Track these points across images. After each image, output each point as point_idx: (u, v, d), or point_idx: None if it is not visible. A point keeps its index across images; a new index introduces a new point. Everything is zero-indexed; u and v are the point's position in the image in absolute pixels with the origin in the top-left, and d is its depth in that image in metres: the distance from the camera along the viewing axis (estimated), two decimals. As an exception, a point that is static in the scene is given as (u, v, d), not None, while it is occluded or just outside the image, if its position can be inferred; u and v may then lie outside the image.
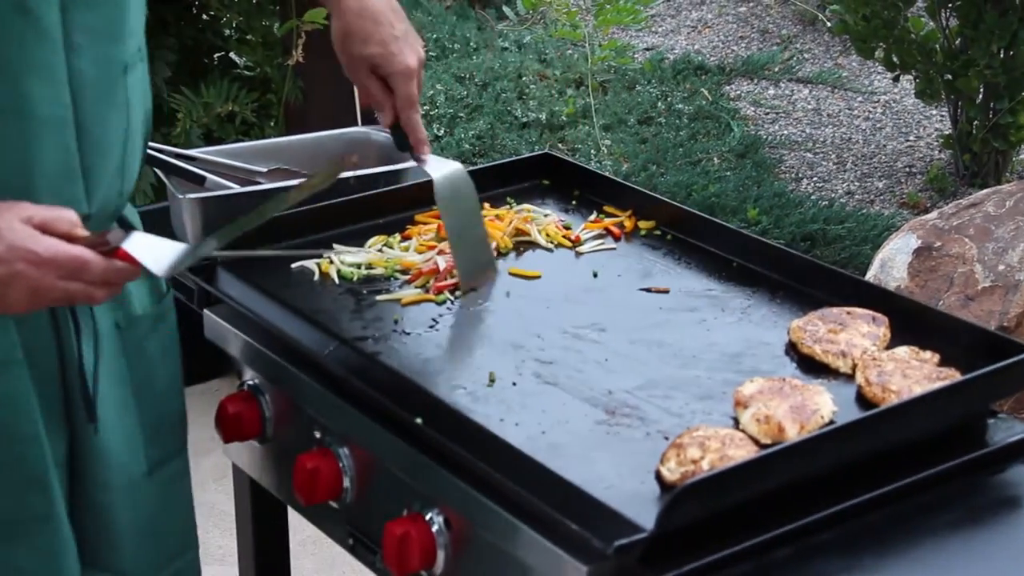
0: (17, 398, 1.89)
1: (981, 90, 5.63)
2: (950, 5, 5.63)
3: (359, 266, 2.24)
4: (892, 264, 4.04)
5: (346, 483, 1.98)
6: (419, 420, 1.85)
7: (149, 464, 2.07)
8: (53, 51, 1.80)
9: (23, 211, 1.74)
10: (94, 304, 1.88)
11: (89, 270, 1.74)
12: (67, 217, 1.77)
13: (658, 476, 1.72)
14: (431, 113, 6.39)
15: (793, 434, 1.76)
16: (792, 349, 2.02)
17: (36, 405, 1.91)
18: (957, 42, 5.64)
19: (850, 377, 1.93)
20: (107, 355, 1.99)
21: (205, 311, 2.20)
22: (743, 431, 1.78)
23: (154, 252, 1.79)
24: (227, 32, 4.81)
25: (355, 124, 2.87)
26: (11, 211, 1.73)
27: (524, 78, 6.69)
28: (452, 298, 2.17)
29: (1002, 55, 5.50)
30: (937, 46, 5.67)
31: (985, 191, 4.35)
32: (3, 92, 1.78)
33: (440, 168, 2.24)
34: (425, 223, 2.39)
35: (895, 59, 5.77)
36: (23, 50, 1.78)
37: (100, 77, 1.87)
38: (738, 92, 6.81)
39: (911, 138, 6.34)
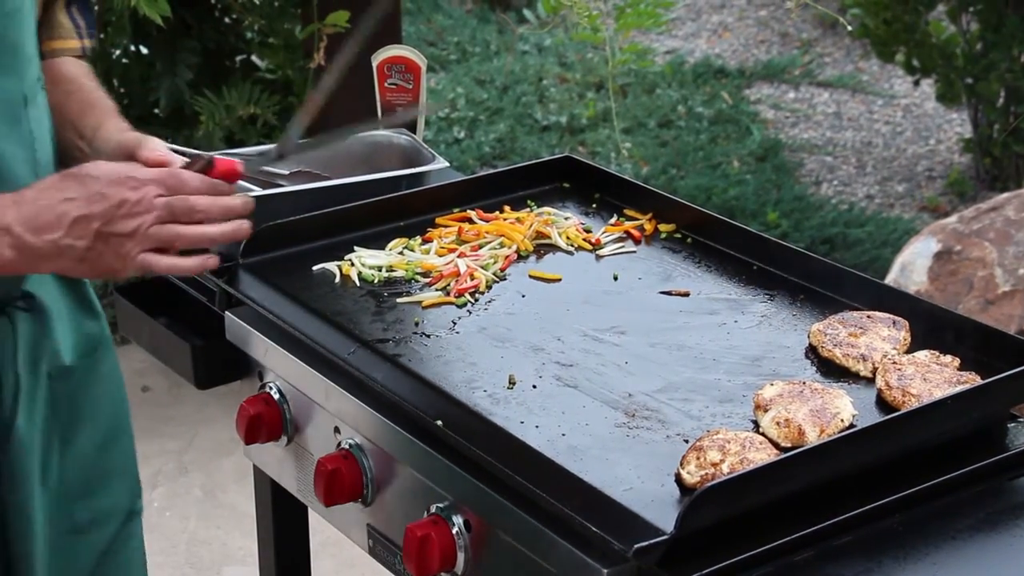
0: None
1: (1002, 94, 5.62)
2: (971, 8, 5.62)
3: (380, 268, 2.24)
4: (912, 268, 4.03)
5: (366, 485, 1.98)
6: (439, 422, 1.86)
7: (77, 523, 1.99)
8: None
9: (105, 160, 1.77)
10: (199, 217, 1.79)
11: (187, 183, 1.74)
12: (153, 144, 1.79)
13: (678, 479, 1.72)
14: (452, 116, 6.39)
15: (813, 437, 1.76)
16: (812, 352, 2.02)
17: None
18: (978, 46, 5.63)
19: (870, 381, 1.93)
20: (32, 402, 1.92)
21: (227, 313, 2.21)
22: (763, 434, 1.79)
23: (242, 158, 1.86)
24: (249, 35, 4.82)
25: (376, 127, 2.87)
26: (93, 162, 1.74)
27: (544, 81, 6.70)
28: (472, 301, 2.17)
29: (1023, 59, 5.48)
30: (958, 49, 5.66)
31: (1006, 195, 4.34)
32: None
33: None
34: (446, 226, 2.39)
35: (915, 62, 5.76)
36: None
37: (1, 113, 1.81)
38: (758, 95, 6.81)
39: (931, 142, 6.34)
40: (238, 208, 1.83)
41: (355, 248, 2.31)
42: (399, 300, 2.17)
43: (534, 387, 1.94)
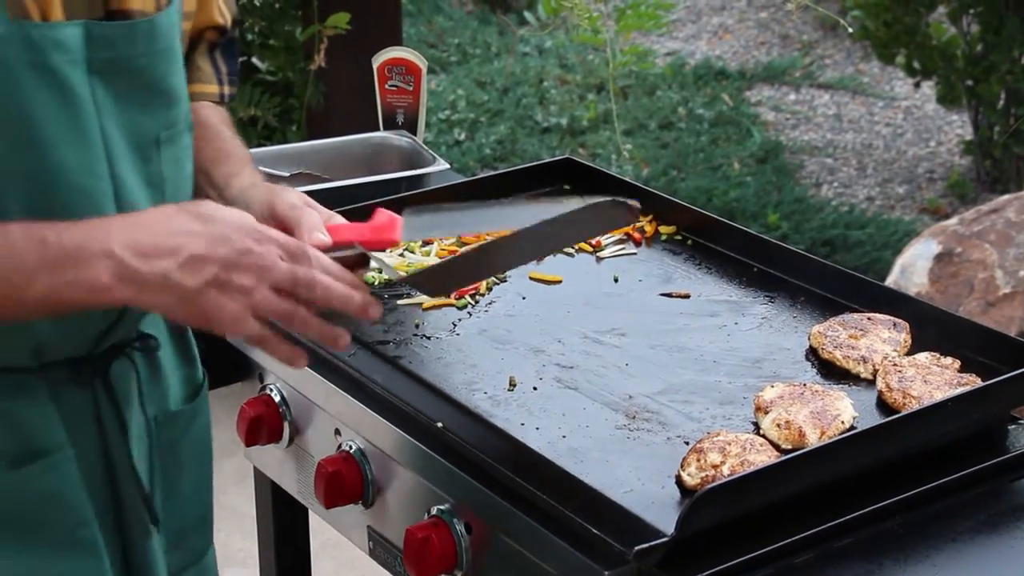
0: (69, 496, 1.73)
1: (1002, 95, 5.62)
2: (971, 10, 5.62)
3: (380, 270, 2.24)
4: (912, 269, 4.04)
5: (367, 487, 1.98)
6: (440, 424, 1.86)
7: (169, 573, 1.92)
8: (84, 115, 1.64)
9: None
10: (318, 294, 1.62)
11: (313, 257, 1.61)
12: (290, 197, 1.72)
13: (678, 481, 1.72)
14: (452, 118, 6.40)
15: (813, 439, 1.76)
16: (812, 354, 2.02)
17: (89, 505, 1.75)
18: (978, 47, 5.64)
19: (871, 383, 1.93)
20: (146, 448, 1.86)
21: (227, 315, 2.21)
22: (763, 436, 1.79)
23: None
24: (250, 37, 4.83)
25: (377, 129, 2.88)
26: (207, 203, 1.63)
27: (545, 83, 6.70)
28: (473, 303, 2.18)
29: (1023, 61, 5.49)
30: (958, 51, 5.66)
31: (1006, 196, 4.34)
32: (30, 160, 1.61)
33: None
34: (446, 228, 2.39)
35: (916, 64, 5.76)
36: (49, 113, 1.61)
37: (131, 147, 1.71)
38: (759, 97, 6.81)
39: (932, 143, 6.34)
40: (355, 303, 1.64)
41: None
42: (399, 302, 2.17)
43: (535, 389, 1.94)
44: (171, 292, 1.55)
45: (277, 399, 2.15)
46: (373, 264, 1.74)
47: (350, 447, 1.99)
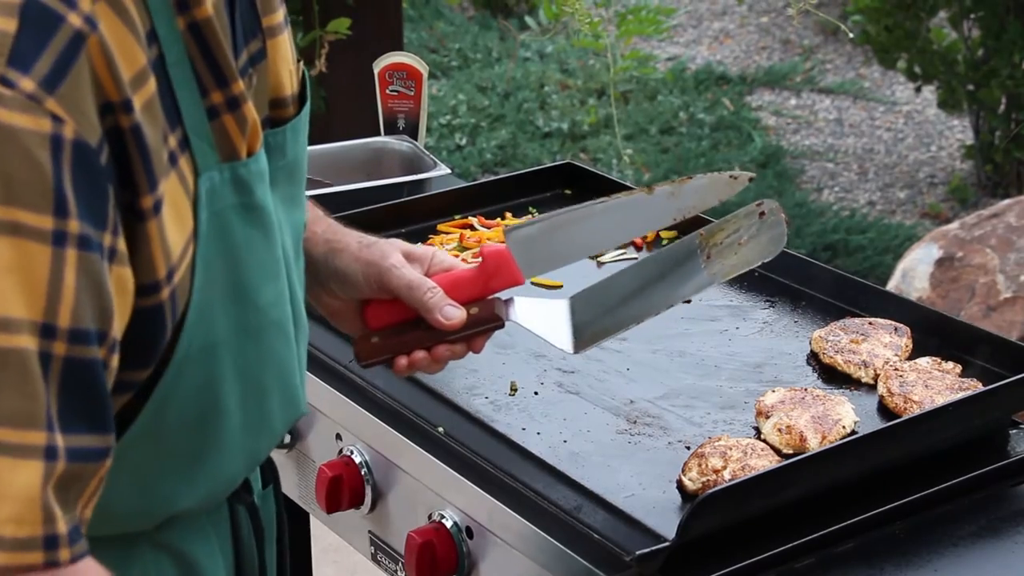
0: None
1: (1003, 100, 5.62)
2: (973, 15, 5.62)
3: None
4: (913, 274, 4.04)
5: (368, 492, 1.98)
6: (441, 429, 1.86)
7: None
8: (276, 244, 1.47)
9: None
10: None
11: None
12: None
13: (679, 485, 1.72)
14: (453, 123, 6.40)
15: (815, 444, 1.76)
16: (814, 359, 2.02)
17: None
18: (979, 52, 5.64)
19: (872, 387, 1.93)
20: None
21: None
22: (764, 441, 1.79)
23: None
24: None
25: (378, 134, 2.88)
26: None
27: (546, 88, 6.71)
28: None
29: (1024, 65, 5.50)
30: (959, 56, 5.66)
31: (1007, 201, 4.34)
32: (241, 308, 1.43)
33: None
34: (447, 232, 2.39)
35: (917, 69, 5.76)
36: (255, 255, 1.44)
37: (295, 251, 1.56)
38: (760, 102, 6.81)
39: (933, 148, 6.34)
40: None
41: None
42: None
43: (536, 394, 1.94)
44: None
45: (278, 404, 2.15)
46: (518, 317, 1.66)
47: (351, 452, 1.99)
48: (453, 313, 1.63)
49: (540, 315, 1.68)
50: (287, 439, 2.14)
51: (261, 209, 1.43)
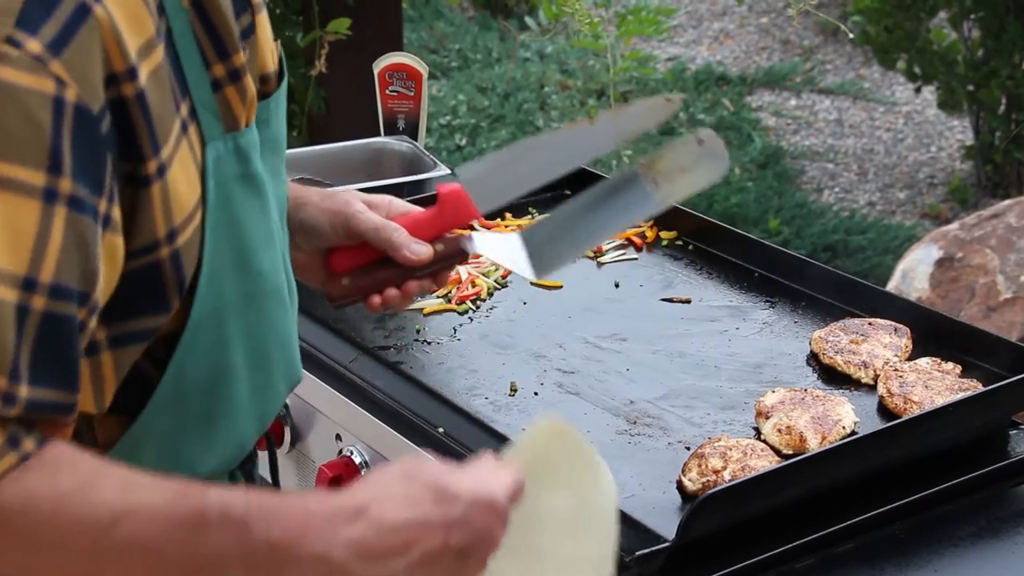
0: None
1: (1003, 101, 5.62)
2: (972, 16, 5.62)
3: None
4: (913, 275, 4.03)
5: (368, 492, 1.98)
6: (441, 429, 1.86)
7: None
8: (270, 214, 1.52)
9: None
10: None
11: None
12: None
13: (679, 486, 1.72)
14: (453, 123, 6.40)
15: (814, 445, 1.76)
16: (814, 360, 2.02)
17: None
18: (979, 53, 5.64)
19: (872, 388, 1.93)
20: None
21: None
22: (764, 441, 1.79)
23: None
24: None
25: (378, 134, 2.88)
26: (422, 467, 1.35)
27: (546, 88, 6.71)
28: (474, 308, 2.18)
29: (1024, 66, 5.49)
30: (959, 57, 5.66)
31: (1007, 202, 4.34)
32: (245, 277, 1.48)
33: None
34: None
35: (917, 70, 5.76)
36: (254, 223, 1.48)
37: (281, 221, 1.59)
38: (760, 102, 6.81)
39: (933, 149, 6.34)
40: None
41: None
42: (401, 307, 2.17)
43: (536, 394, 1.94)
44: None
45: (278, 404, 2.15)
46: (479, 248, 1.72)
47: (351, 452, 1.99)
48: (420, 249, 1.66)
49: (499, 247, 1.73)
50: (287, 439, 2.14)
51: (257, 178, 1.47)
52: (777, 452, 1.76)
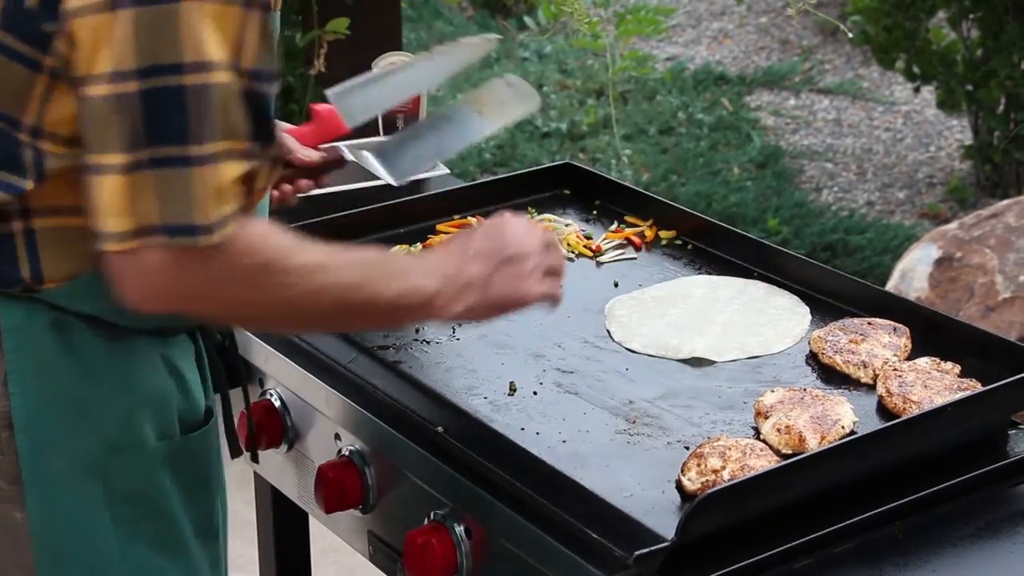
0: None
1: (1002, 100, 5.62)
2: (971, 16, 5.62)
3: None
4: (912, 274, 4.04)
5: (367, 492, 1.98)
6: (440, 429, 1.86)
7: None
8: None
9: None
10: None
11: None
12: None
13: (679, 486, 1.72)
14: (452, 123, 6.38)
15: (814, 444, 1.76)
16: (813, 359, 2.02)
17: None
18: (978, 53, 5.64)
19: (871, 387, 1.93)
20: None
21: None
22: (764, 441, 1.79)
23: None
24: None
25: (376, 134, 2.87)
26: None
27: (545, 88, 6.70)
28: (473, 307, 2.17)
29: (1023, 66, 5.49)
30: (958, 56, 5.66)
31: (1006, 201, 4.34)
32: None
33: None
34: (446, 232, 2.39)
35: (916, 69, 5.76)
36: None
37: None
38: (759, 102, 6.81)
39: (932, 148, 6.34)
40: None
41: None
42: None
43: (535, 394, 1.94)
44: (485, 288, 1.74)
45: (277, 404, 2.15)
46: (348, 156, 2.12)
47: (350, 452, 1.99)
48: (311, 152, 2.10)
49: (365, 158, 2.12)
50: (286, 439, 2.14)
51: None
52: (776, 452, 1.76)
